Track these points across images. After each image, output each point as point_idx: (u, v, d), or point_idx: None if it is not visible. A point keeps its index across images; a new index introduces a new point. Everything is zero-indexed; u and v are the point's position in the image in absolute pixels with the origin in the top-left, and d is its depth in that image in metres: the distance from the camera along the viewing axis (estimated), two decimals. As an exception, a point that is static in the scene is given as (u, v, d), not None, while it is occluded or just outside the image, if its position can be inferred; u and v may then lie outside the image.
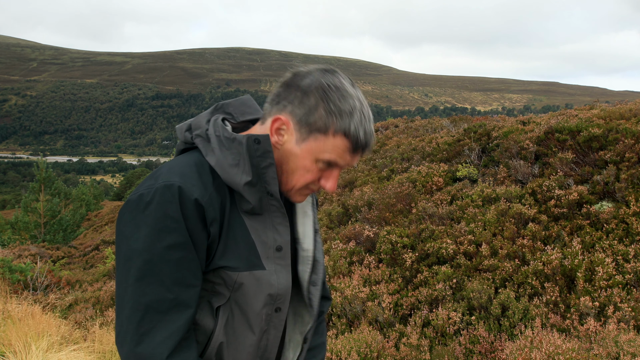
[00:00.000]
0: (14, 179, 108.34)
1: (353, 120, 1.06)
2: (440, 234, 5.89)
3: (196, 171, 1.07)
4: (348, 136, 1.07)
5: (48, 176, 22.85)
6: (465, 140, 8.84)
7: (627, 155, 5.96)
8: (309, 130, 1.07)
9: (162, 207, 1.00)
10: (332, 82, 1.07)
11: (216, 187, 1.07)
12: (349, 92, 1.08)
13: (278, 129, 1.10)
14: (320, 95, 1.06)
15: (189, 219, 1.01)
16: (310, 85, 1.07)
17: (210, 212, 1.04)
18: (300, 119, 1.07)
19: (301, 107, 1.07)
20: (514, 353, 3.61)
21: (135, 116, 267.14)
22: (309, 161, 1.10)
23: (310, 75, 1.08)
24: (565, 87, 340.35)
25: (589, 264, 4.62)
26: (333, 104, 1.06)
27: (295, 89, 1.08)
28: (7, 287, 6.71)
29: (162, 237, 1.00)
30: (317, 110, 1.06)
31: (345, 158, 1.10)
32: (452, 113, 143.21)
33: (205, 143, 1.11)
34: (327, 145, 1.08)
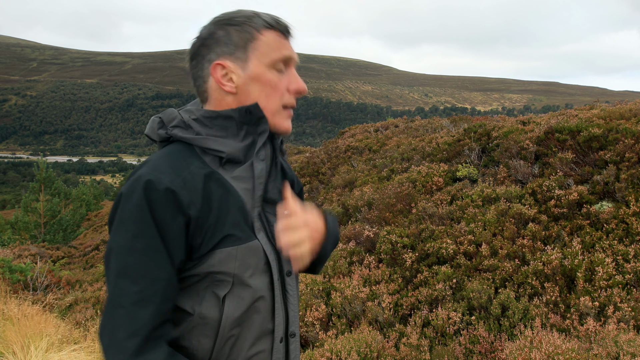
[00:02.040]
0: (14, 179, 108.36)
1: (259, 17, 1.11)
2: (440, 234, 5.89)
3: (169, 159, 1.05)
4: (270, 26, 1.11)
5: (48, 176, 22.85)
6: (465, 140, 8.83)
7: (627, 155, 5.96)
8: (243, 49, 1.09)
9: (129, 200, 0.99)
10: (219, 14, 1.13)
11: (196, 168, 1.05)
12: (240, 9, 1.13)
13: (223, 76, 1.10)
14: (218, 24, 1.11)
15: (156, 209, 0.98)
16: (206, 28, 1.12)
17: (184, 195, 1.00)
18: (228, 51, 1.09)
19: (219, 45, 1.10)
20: (513, 353, 3.60)
21: (135, 116, 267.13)
22: (266, 73, 1.11)
23: (202, 29, 1.13)
24: (565, 87, 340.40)
25: (589, 264, 4.62)
26: (233, 19, 1.10)
27: (200, 46, 1.11)
28: (7, 287, 6.70)
29: (127, 228, 0.98)
30: (230, 32, 1.09)
31: (287, 47, 1.13)
32: (452, 113, 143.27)
33: (184, 130, 1.10)
34: (266, 46, 1.10)
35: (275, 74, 1.12)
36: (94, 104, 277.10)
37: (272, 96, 1.12)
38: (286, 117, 1.16)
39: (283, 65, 1.13)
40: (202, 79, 1.13)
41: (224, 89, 1.10)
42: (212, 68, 1.10)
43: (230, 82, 1.10)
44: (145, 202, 0.98)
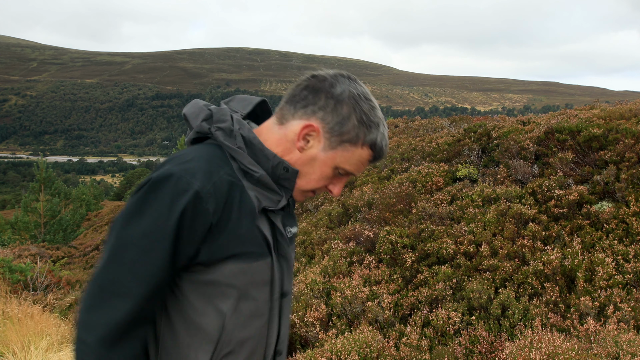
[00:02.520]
0: (14, 179, 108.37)
1: (379, 132, 1.10)
2: (440, 234, 5.89)
3: (204, 162, 1.03)
4: (374, 148, 1.11)
5: (48, 176, 22.86)
6: (465, 140, 8.83)
7: (627, 155, 5.96)
8: (340, 140, 1.09)
9: (156, 191, 0.98)
10: (361, 91, 1.09)
11: (225, 174, 1.04)
12: (375, 104, 1.11)
13: (306, 135, 1.10)
14: (352, 105, 1.08)
15: (179, 212, 0.97)
16: (342, 93, 1.08)
17: (211, 203, 0.99)
18: (332, 127, 1.08)
19: (334, 116, 1.08)
20: (513, 353, 3.61)
21: (135, 116, 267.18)
22: (329, 168, 1.12)
23: (340, 84, 1.09)
24: (565, 87, 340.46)
25: (589, 264, 4.62)
26: (365, 115, 1.08)
27: (325, 95, 1.08)
28: (7, 287, 6.70)
29: (144, 219, 0.97)
30: (350, 121, 1.07)
31: (362, 168, 1.15)
32: (452, 113, 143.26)
33: (228, 138, 1.08)
34: (354, 156, 1.11)
35: (333, 173, 1.14)
36: (94, 104, 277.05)
37: (314, 182, 1.14)
38: (306, 196, 1.19)
39: (345, 173, 1.15)
40: (294, 110, 1.11)
41: (296, 142, 1.10)
42: (308, 124, 1.09)
43: (306, 142, 1.10)
44: (170, 202, 0.97)
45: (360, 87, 1.10)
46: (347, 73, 1.12)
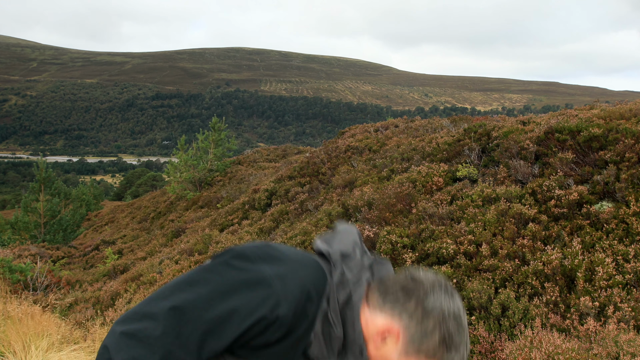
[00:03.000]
0: (14, 179, 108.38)
1: (459, 353, 1.06)
2: (440, 234, 5.89)
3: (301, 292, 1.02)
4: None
5: (48, 176, 22.85)
6: (465, 140, 8.83)
7: (627, 155, 5.96)
8: (417, 351, 1.04)
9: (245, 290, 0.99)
10: (453, 309, 1.05)
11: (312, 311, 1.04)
12: (464, 325, 1.07)
13: (384, 337, 1.07)
14: (439, 321, 1.04)
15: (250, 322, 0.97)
16: (433, 307, 1.04)
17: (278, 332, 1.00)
18: (412, 337, 1.04)
19: (418, 327, 1.04)
20: (513, 353, 3.61)
21: (135, 116, 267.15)
22: None
23: (433, 295, 1.05)
24: (565, 87, 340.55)
25: (589, 264, 4.62)
26: (449, 336, 1.04)
27: (415, 302, 1.05)
28: (7, 287, 6.71)
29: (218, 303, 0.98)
30: (432, 337, 1.03)
31: None
32: (452, 113, 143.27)
33: (340, 285, 1.08)
34: None
35: None
36: (94, 104, 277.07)
37: None
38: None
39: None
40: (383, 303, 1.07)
41: (374, 337, 1.07)
42: (390, 328, 1.06)
43: (384, 342, 1.07)
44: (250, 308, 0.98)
45: (455, 303, 1.06)
46: (446, 283, 1.09)
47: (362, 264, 1.12)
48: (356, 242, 1.15)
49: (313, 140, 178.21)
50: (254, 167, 21.84)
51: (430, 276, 1.10)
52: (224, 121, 23.63)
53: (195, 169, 21.88)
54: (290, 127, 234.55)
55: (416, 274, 1.10)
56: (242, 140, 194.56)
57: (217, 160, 22.78)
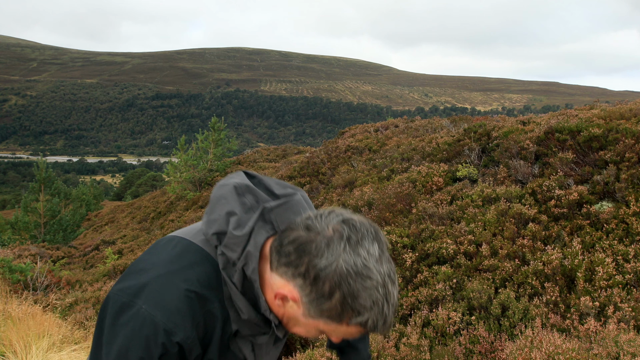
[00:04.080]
0: (14, 179, 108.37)
1: (372, 314, 0.91)
2: (440, 234, 5.90)
3: (188, 305, 0.95)
4: (364, 326, 0.94)
5: (48, 176, 22.85)
6: (465, 140, 8.84)
7: (627, 155, 5.97)
8: (319, 314, 0.95)
9: (134, 337, 0.92)
10: (353, 266, 0.89)
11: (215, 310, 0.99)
12: (372, 279, 0.90)
13: (283, 298, 0.98)
14: (336, 283, 0.89)
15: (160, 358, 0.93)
16: (326, 268, 0.89)
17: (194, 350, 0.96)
18: (310, 301, 0.93)
19: (313, 290, 0.92)
20: (514, 353, 3.61)
21: (135, 116, 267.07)
22: (315, 331, 1.02)
23: (328, 252, 0.90)
24: (565, 87, 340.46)
25: (589, 264, 4.62)
26: (351, 297, 0.90)
27: (309, 263, 0.91)
28: (8, 287, 6.71)
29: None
30: (332, 302, 0.91)
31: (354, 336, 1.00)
32: (452, 113, 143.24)
33: (229, 268, 0.98)
34: (338, 331, 0.97)
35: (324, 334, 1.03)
36: (94, 104, 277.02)
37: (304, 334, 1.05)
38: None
39: None
40: (278, 263, 0.97)
41: (274, 299, 1.00)
42: (283, 293, 0.97)
43: (285, 303, 0.99)
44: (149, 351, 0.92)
45: (359, 258, 0.90)
46: (351, 227, 0.92)
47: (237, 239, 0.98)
48: (232, 209, 0.99)
49: (313, 140, 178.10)
50: (253, 167, 21.84)
51: (333, 222, 0.94)
52: (223, 121, 23.66)
53: (195, 169, 21.90)
54: (290, 127, 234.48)
55: (314, 222, 0.95)
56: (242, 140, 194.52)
57: (217, 160, 22.80)
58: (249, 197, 1.02)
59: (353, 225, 0.93)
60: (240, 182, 1.04)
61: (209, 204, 1.04)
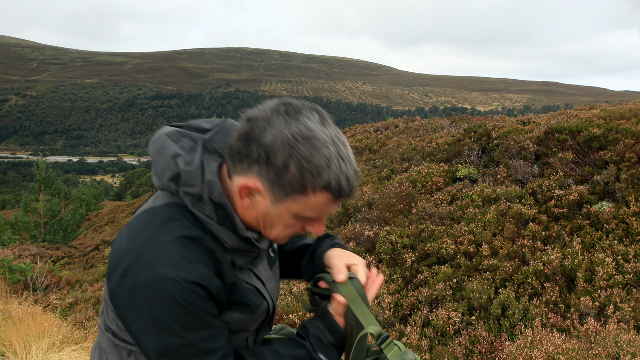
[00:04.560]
0: (14, 179, 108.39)
1: (331, 171, 0.93)
2: (440, 234, 5.90)
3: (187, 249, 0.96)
4: (329, 189, 0.94)
5: (48, 176, 22.86)
6: (465, 140, 8.84)
7: (627, 155, 5.97)
8: (284, 192, 0.95)
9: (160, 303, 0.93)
10: (298, 132, 0.92)
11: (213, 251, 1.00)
12: (319, 139, 0.92)
13: (247, 193, 0.98)
14: (287, 152, 0.91)
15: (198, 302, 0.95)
16: (273, 142, 0.91)
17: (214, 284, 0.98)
18: (271, 181, 0.94)
19: (269, 169, 0.93)
20: (514, 353, 3.61)
21: (135, 116, 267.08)
22: (289, 219, 1.01)
23: (270, 127, 0.92)
24: (565, 87, 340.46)
25: (589, 264, 4.62)
26: (305, 159, 0.91)
27: (257, 146, 0.93)
28: (8, 287, 6.71)
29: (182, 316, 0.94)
30: (289, 171, 0.92)
31: (329, 209, 1.00)
32: (452, 113, 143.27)
33: (197, 204, 1.00)
34: (309, 204, 0.97)
35: (300, 221, 1.03)
36: (94, 104, 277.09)
37: (284, 232, 1.05)
38: (286, 239, 1.10)
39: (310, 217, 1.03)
40: (233, 164, 0.98)
41: (241, 200, 1.00)
42: (244, 185, 0.97)
43: (252, 198, 0.99)
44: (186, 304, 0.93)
45: (301, 124, 0.92)
46: (289, 103, 0.97)
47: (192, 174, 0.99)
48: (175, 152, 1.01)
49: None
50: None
51: (269, 105, 0.97)
52: (223, 121, 23.61)
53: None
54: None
55: (252, 111, 0.98)
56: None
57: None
58: (184, 140, 1.05)
59: (289, 102, 0.97)
60: (170, 130, 1.07)
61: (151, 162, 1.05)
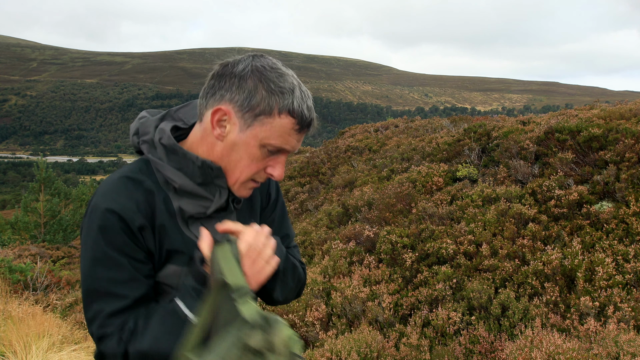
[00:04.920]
0: (14, 179, 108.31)
1: (295, 96, 1.06)
2: (440, 234, 5.90)
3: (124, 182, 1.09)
4: (293, 114, 1.06)
5: (48, 176, 22.85)
6: (465, 140, 8.84)
7: (627, 155, 5.97)
8: (253, 115, 1.06)
9: (89, 224, 1.07)
10: (266, 63, 1.07)
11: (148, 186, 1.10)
12: (284, 71, 1.08)
13: (219, 121, 1.08)
14: (257, 77, 1.06)
15: (110, 236, 1.04)
16: (245, 69, 1.06)
17: (136, 218, 1.06)
18: (241, 104, 1.06)
19: (240, 93, 1.06)
20: (514, 353, 3.61)
21: (135, 116, 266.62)
22: (255, 148, 1.08)
23: (242, 62, 1.08)
24: (565, 87, 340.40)
25: (589, 264, 4.62)
26: (273, 83, 1.05)
27: (229, 77, 1.07)
28: (8, 287, 6.71)
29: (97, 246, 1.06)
30: (258, 92, 1.05)
31: (291, 141, 1.09)
32: (452, 113, 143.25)
33: (151, 150, 1.13)
34: (274, 128, 1.06)
35: (263, 153, 1.10)
36: (94, 104, 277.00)
37: (248, 168, 1.11)
38: (248, 189, 1.16)
39: (276, 151, 1.11)
40: (206, 102, 1.11)
41: (212, 131, 1.09)
42: (216, 108, 1.08)
43: (223, 128, 1.09)
44: (100, 232, 1.05)
45: (267, 60, 1.08)
46: (254, 53, 1.12)
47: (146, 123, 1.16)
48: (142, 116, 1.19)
49: (313, 140, 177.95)
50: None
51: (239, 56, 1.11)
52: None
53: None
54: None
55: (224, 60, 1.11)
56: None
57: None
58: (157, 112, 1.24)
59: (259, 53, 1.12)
60: (147, 110, 1.26)
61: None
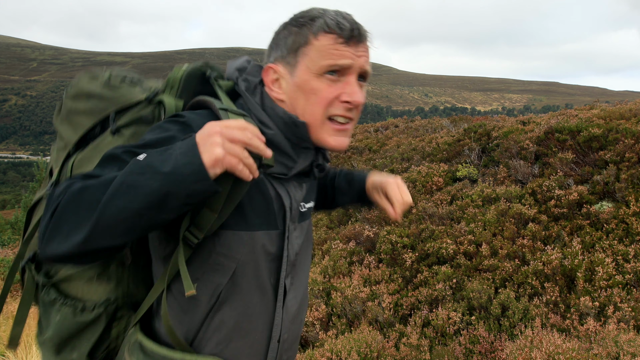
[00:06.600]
0: (14, 179, 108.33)
1: (326, 16, 1.03)
2: (440, 234, 5.90)
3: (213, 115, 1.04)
4: (329, 29, 1.01)
5: (48, 176, 22.86)
6: (465, 140, 8.83)
7: (627, 155, 5.96)
8: (294, 55, 1.04)
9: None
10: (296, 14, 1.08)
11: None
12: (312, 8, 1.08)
13: (274, 81, 1.07)
14: (286, 24, 1.07)
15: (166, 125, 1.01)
16: (279, 28, 1.09)
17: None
18: (282, 54, 1.06)
19: (278, 44, 1.07)
20: (514, 353, 3.61)
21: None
22: (313, 81, 1.02)
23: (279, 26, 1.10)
24: (565, 87, 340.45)
25: (589, 264, 4.62)
26: (300, 18, 1.05)
27: (271, 43, 1.10)
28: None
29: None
30: (290, 33, 1.05)
31: (344, 54, 1.02)
32: (452, 113, 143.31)
33: (249, 90, 1.09)
34: (318, 51, 1.01)
35: (325, 81, 1.02)
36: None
37: (316, 104, 1.03)
38: (332, 132, 1.06)
39: (338, 74, 1.03)
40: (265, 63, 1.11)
41: (271, 94, 1.07)
42: (265, 71, 1.08)
43: (279, 88, 1.07)
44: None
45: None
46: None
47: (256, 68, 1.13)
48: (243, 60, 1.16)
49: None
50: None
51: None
52: (224, 121, 23.62)
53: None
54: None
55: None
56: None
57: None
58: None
59: None
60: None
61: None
